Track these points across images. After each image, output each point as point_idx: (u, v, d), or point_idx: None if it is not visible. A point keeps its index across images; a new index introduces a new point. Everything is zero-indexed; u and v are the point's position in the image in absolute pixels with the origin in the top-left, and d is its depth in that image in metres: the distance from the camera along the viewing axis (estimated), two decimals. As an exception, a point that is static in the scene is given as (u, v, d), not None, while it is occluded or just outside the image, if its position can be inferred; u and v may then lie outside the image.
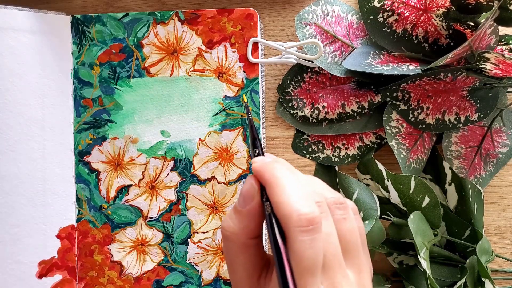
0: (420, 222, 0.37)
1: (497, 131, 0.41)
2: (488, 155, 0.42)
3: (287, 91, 0.43)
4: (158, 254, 0.42)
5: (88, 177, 0.42)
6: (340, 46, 0.42)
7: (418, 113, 0.41)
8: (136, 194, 0.42)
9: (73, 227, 0.42)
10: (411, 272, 0.41)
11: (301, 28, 0.42)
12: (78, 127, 0.42)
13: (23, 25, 0.40)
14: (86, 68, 0.42)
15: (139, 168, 0.42)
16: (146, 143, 0.42)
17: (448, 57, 0.35)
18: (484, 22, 0.34)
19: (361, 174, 0.43)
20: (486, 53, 0.34)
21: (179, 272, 0.42)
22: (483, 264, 0.36)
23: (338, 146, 0.43)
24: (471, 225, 0.40)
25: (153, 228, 0.42)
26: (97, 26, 0.42)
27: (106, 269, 0.42)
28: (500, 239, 0.43)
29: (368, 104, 0.42)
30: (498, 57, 0.34)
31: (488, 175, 0.42)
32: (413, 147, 0.41)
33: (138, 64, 0.42)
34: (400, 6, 0.40)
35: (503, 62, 0.35)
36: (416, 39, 0.41)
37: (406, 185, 0.38)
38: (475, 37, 0.35)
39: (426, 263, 0.35)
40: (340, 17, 0.42)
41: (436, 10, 0.39)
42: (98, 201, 0.42)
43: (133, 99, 0.42)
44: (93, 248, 0.42)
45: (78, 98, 0.42)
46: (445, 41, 0.40)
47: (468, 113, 0.40)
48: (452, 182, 0.41)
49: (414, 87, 0.40)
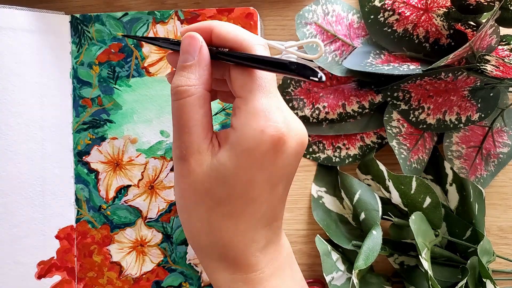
0: (421, 222, 0.37)
1: (498, 131, 0.41)
2: (489, 155, 0.41)
3: (287, 91, 0.43)
4: (158, 254, 0.42)
5: (87, 177, 0.42)
6: (340, 45, 0.42)
7: (419, 113, 0.41)
8: (136, 194, 0.42)
9: (72, 228, 0.42)
10: (412, 273, 0.41)
11: (301, 28, 0.42)
12: (77, 127, 0.42)
13: (22, 24, 0.39)
14: (85, 67, 0.42)
15: (138, 168, 0.42)
16: (145, 143, 0.42)
17: (448, 58, 0.35)
18: (485, 23, 0.34)
19: (362, 174, 0.43)
20: (486, 55, 0.34)
21: (179, 273, 0.42)
22: (484, 265, 0.35)
23: (338, 146, 0.43)
24: (472, 226, 0.39)
25: (153, 228, 0.42)
26: (96, 26, 0.42)
27: (105, 270, 0.42)
28: (501, 239, 0.43)
29: (369, 104, 0.42)
30: (498, 60, 0.34)
31: (489, 175, 0.41)
32: (414, 147, 0.41)
33: (137, 63, 0.42)
34: (401, 6, 0.39)
35: (503, 65, 0.34)
36: (417, 39, 0.40)
37: (407, 185, 0.38)
38: (476, 38, 0.34)
39: (428, 263, 0.34)
40: (341, 17, 0.42)
41: (437, 10, 0.39)
42: (97, 202, 0.42)
43: (133, 98, 0.42)
44: (92, 248, 0.42)
45: (77, 98, 0.42)
46: (446, 41, 0.40)
47: (469, 113, 0.40)
48: (453, 182, 0.41)
49: (415, 87, 0.40)
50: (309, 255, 0.43)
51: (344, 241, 0.41)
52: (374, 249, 0.36)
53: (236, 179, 0.26)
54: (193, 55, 0.27)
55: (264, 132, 0.25)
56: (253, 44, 0.27)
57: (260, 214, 0.28)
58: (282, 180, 0.28)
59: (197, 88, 0.27)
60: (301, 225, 0.44)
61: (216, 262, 0.29)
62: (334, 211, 0.43)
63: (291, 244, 0.43)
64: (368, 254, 0.36)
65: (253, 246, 0.28)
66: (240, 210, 0.27)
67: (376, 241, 0.37)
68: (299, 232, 0.44)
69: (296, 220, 0.44)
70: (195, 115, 0.27)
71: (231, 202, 0.27)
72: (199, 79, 0.27)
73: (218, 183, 0.27)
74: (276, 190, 0.28)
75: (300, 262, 0.43)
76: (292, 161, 0.27)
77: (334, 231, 0.41)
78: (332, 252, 0.40)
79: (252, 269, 0.28)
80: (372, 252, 0.36)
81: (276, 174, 0.27)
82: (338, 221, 0.42)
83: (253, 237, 0.28)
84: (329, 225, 0.41)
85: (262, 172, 0.26)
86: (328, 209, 0.42)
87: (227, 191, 0.27)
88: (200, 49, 0.27)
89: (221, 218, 0.27)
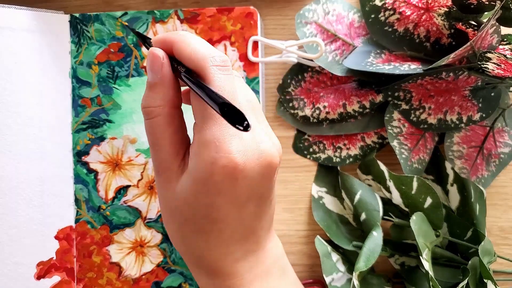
0: (422, 223, 0.37)
1: (499, 131, 0.41)
2: (490, 155, 0.41)
3: (287, 91, 0.43)
4: (157, 255, 0.42)
5: (87, 177, 0.42)
6: (341, 45, 0.42)
7: (420, 113, 0.40)
8: (135, 194, 0.42)
9: (71, 228, 0.42)
10: (413, 274, 0.41)
11: (301, 27, 0.42)
12: (76, 127, 0.42)
13: (21, 24, 0.39)
14: (85, 67, 0.42)
15: (137, 168, 0.42)
16: (145, 143, 0.42)
17: (449, 58, 0.35)
18: (486, 22, 0.34)
19: (363, 175, 0.42)
20: (488, 53, 0.34)
21: (179, 273, 0.42)
22: (485, 265, 0.35)
23: (339, 146, 0.43)
24: (473, 226, 0.39)
25: (152, 229, 0.42)
26: (96, 25, 0.41)
27: (105, 270, 0.42)
28: (502, 240, 0.43)
29: (370, 103, 0.41)
30: (500, 57, 0.33)
31: (490, 176, 0.41)
32: (415, 147, 0.41)
33: (137, 63, 0.42)
34: (401, 5, 0.39)
35: (505, 62, 0.34)
36: (418, 38, 0.40)
37: (408, 185, 0.38)
38: (477, 37, 0.34)
39: (428, 264, 0.34)
40: (341, 16, 0.42)
41: (438, 9, 0.39)
42: (96, 202, 0.42)
43: (132, 98, 0.42)
44: (91, 249, 0.42)
45: (76, 98, 0.42)
46: (446, 40, 0.40)
47: (470, 113, 0.40)
48: (454, 182, 0.41)
49: (415, 87, 0.40)
50: (310, 255, 0.43)
51: (344, 241, 0.40)
52: (374, 250, 0.36)
53: (198, 203, 0.26)
54: (156, 73, 0.27)
55: (215, 164, 0.25)
56: (208, 66, 0.25)
57: (230, 232, 0.27)
58: (250, 200, 0.27)
59: (163, 108, 0.27)
60: (302, 226, 0.43)
61: (196, 268, 0.29)
62: (335, 211, 0.42)
63: (291, 245, 0.43)
64: (368, 255, 0.36)
65: (228, 258, 0.28)
66: (207, 228, 0.27)
67: (377, 242, 0.37)
68: (299, 232, 0.44)
69: (296, 220, 0.44)
70: (163, 134, 0.27)
71: (197, 221, 0.27)
72: (163, 99, 0.27)
73: (183, 202, 0.27)
74: (245, 209, 0.27)
75: (300, 263, 0.43)
76: (259, 182, 0.27)
77: (334, 232, 0.41)
78: (332, 253, 0.39)
79: (231, 277, 0.28)
80: (372, 253, 0.36)
81: (240, 196, 0.26)
82: (339, 221, 0.42)
83: (226, 251, 0.28)
84: (329, 226, 0.41)
85: (222, 197, 0.26)
86: (328, 209, 0.42)
87: (191, 211, 0.27)
88: (161, 67, 0.27)
89: (191, 234, 0.28)
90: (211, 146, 0.25)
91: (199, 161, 0.25)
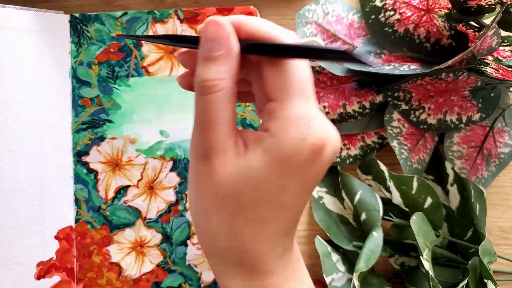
0: (422, 223, 0.37)
1: (499, 131, 0.41)
2: (490, 156, 0.41)
3: (287, 91, 0.43)
4: (157, 255, 0.42)
5: (87, 177, 0.42)
6: (341, 45, 0.42)
7: (419, 113, 0.40)
8: (135, 195, 0.42)
9: (71, 228, 0.42)
10: (413, 274, 0.41)
11: (301, 27, 0.42)
12: (76, 127, 0.42)
13: (21, 24, 0.39)
14: (85, 67, 0.42)
15: (137, 168, 0.42)
16: (145, 143, 0.42)
17: (448, 63, 0.35)
18: (486, 29, 0.34)
19: (363, 175, 0.42)
20: (486, 59, 0.34)
21: (178, 273, 0.41)
22: (486, 265, 0.35)
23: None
24: (473, 226, 0.39)
25: (152, 229, 0.42)
26: (96, 25, 0.41)
27: (105, 271, 0.42)
28: (502, 240, 0.43)
29: (370, 104, 0.41)
30: (497, 64, 0.34)
31: (490, 176, 0.41)
32: (414, 148, 0.41)
33: (137, 63, 0.42)
34: (402, 6, 0.39)
35: (502, 69, 0.34)
36: (418, 39, 0.40)
37: (409, 185, 0.38)
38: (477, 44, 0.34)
39: (429, 264, 0.34)
40: (341, 17, 0.42)
41: (438, 11, 0.39)
42: (96, 202, 0.42)
43: (132, 98, 0.42)
44: (91, 249, 0.42)
45: (76, 98, 0.42)
46: (447, 41, 0.40)
47: (470, 113, 0.40)
48: (454, 182, 0.41)
49: (415, 87, 0.40)
50: (310, 255, 0.43)
51: (344, 241, 0.40)
52: (375, 251, 0.36)
53: (268, 185, 0.25)
54: (221, 44, 0.25)
55: (305, 140, 0.24)
56: (290, 40, 0.25)
57: (285, 221, 0.26)
58: (311, 187, 0.27)
59: (228, 82, 0.25)
60: (302, 226, 0.43)
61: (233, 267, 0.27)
62: (335, 211, 0.42)
63: (291, 245, 0.43)
64: (369, 256, 0.36)
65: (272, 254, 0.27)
66: (266, 216, 0.26)
67: (377, 242, 0.37)
68: (300, 232, 0.44)
69: (296, 220, 0.44)
70: (223, 111, 0.25)
71: (258, 207, 0.25)
72: (229, 72, 0.25)
73: (245, 186, 0.25)
74: (304, 197, 0.26)
75: (300, 263, 0.43)
76: (325, 169, 0.26)
77: (334, 232, 0.41)
78: (332, 253, 0.39)
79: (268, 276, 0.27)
80: (373, 254, 0.36)
81: (308, 181, 0.26)
82: (339, 221, 0.42)
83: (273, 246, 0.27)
84: (329, 226, 0.41)
85: (296, 179, 0.25)
86: (328, 209, 0.42)
87: (255, 195, 0.25)
88: (228, 37, 0.25)
89: (244, 223, 0.26)
90: (302, 122, 0.24)
91: (288, 137, 0.24)
